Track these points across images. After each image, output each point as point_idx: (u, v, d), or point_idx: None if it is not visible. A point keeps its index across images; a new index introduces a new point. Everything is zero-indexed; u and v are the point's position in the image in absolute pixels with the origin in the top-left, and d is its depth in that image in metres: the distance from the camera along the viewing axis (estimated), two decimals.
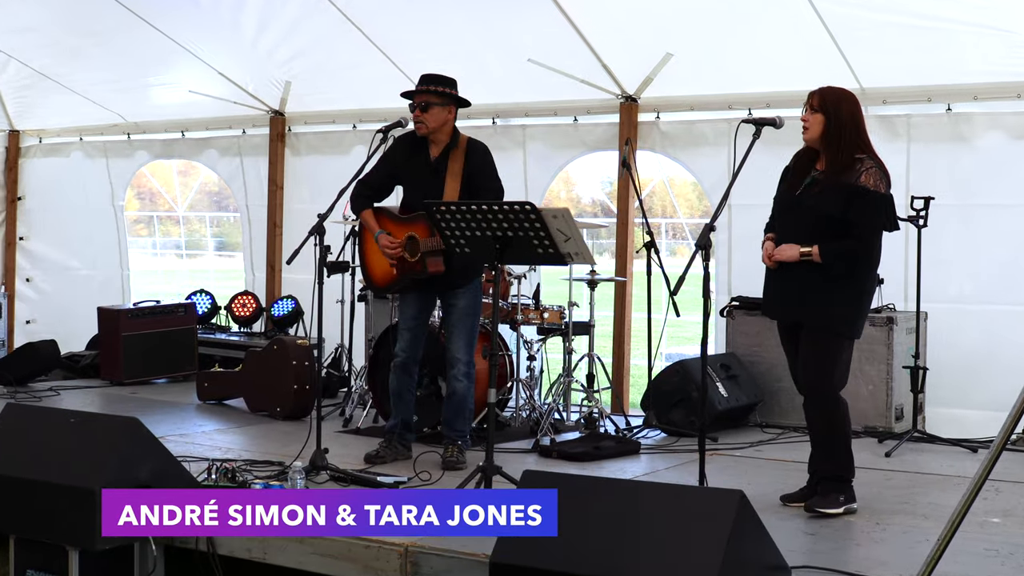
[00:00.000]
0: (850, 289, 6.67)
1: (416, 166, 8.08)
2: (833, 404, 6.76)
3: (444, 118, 7.99)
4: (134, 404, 10.65)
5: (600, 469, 8.09)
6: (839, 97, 6.73)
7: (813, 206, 6.65)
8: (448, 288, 8.09)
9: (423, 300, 8.24)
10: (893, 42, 9.30)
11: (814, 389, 6.77)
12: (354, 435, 9.25)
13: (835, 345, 6.72)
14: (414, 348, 8.27)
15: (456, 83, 8.10)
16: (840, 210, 6.56)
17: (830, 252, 6.58)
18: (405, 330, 8.27)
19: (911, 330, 9.33)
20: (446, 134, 8.02)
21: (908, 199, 8.97)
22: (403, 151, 8.16)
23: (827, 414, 6.78)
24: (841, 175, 6.61)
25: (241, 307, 12.70)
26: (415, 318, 8.24)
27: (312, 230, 7.40)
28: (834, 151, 6.65)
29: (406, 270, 8.02)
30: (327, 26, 11.14)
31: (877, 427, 9.27)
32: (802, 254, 6.62)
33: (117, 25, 11.77)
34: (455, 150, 8.02)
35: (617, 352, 10.96)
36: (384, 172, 8.19)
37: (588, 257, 6.79)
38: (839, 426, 6.81)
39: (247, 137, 13.23)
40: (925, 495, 7.38)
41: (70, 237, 14.60)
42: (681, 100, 10.72)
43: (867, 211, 6.55)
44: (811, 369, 6.75)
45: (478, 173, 7.99)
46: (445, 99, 8.00)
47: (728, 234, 10.42)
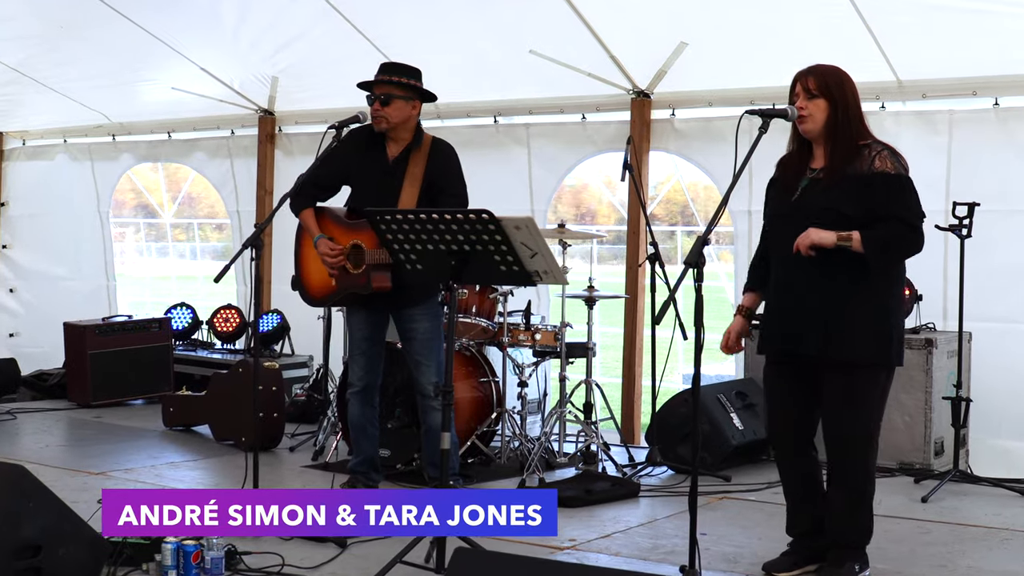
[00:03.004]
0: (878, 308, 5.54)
1: (369, 165, 7.15)
2: (863, 458, 5.65)
3: (407, 113, 7.06)
4: (94, 429, 9.92)
5: (590, 517, 7.12)
6: (841, 77, 5.65)
7: (823, 207, 5.55)
8: (401, 306, 7.12)
9: (374, 318, 7.33)
10: (934, 29, 8.40)
11: (846, 440, 5.63)
12: (321, 470, 8.30)
13: (872, 379, 5.60)
14: (371, 375, 7.38)
15: (421, 74, 7.17)
16: (857, 206, 5.46)
17: (874, 240, 5.43)
18: (359, 355, 7.36)
19: (952, 353, 8.35)
20: (408, 132, 7.08)
21: (949, 205, 8.12)
22: (356, 147, 7.22)
23: (861, 469, 5.64)
24: (848, 166, 5.52)
25: (224, 322, 11.76)
26: (367, 339, 7.34)
27: (247, 242, 6.39)
28: (837, 141, 5.57)
29: (347, 283, 7.09)
30: (310, 16, 10.30)
31: (914, 464, 8.30)
32: (840, 238, 5.45)
33: (92, 18, 10.92)
34: (416, 151, 7.09)
35: (627, 375, 9.96)
36: (333, 169, 7.23)
37: (559, 275, 5.74)
38: (870, 483, 5.70)
39: (236, 138, 12.39)
40: (965, 554, 6.38)
41: (56, 244, 13.78)
42: (698, 95, 9.81)
43: (902, 196, 5.46)
44: (844, 415, 5.60)
45: (439, 176, 7.05)
46: (409, 92, 7.05)
47: (747, 243, 9.46)
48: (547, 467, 8.31)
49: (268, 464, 8.26)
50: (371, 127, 7.15)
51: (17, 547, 5.08)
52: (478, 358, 8.58)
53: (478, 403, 8.42)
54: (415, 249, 5.75)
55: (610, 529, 6.84)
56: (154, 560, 5.56)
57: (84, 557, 5.31)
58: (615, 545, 6.49)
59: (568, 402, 8.64)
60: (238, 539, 6.09)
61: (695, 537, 5.29)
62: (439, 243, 5.65)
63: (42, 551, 5.14)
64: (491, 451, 8.48)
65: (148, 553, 5.61)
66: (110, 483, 7.70)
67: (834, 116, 5.55)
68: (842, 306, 5.53)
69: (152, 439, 9.52)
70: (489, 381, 8.52)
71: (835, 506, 5.71)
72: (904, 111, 8.94)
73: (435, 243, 5.66)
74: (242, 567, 5.72)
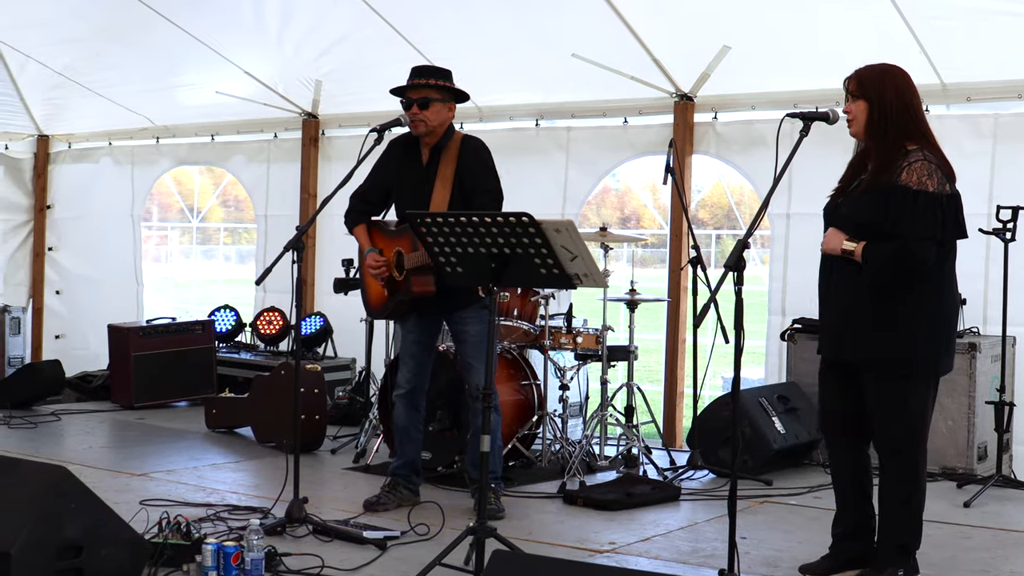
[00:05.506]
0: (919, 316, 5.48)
1: (406, 172, 7.18)
2: (911, 464, 5.58)
3: (445, 115, 7.07)
4: (137, 431, 9.95)
5: (631, 520, 7.09)
6: (880, 75, 5.60)
7: (847, 214, 5.54)
8: (452, 310, 7.10)
9: (425, 324, 7.28)
10: (978, 33, 8.31)
11: (890, 445, 5.59)
12: (363, 472, 8.31)
13: (912, 387, 5.54)
14: (419, 378, 7.31)
15: (452, 74, 7.15)
16: (877, 217, 5.43)
17: (874, 252, 5.42)
18: (408, 358, 7.32)
19: (996, 358, 8.28)
20: (439, 135, 7.05)
21: (993, 208, 8.04)
22: (395, 156, 7.24)
23: (908, 474, 5.58)
24: (883, 174, 5.48)
25: (267, 324, 11.75)
26: (417, 343, 7.29)
27: (289, 244, 6.41)
28: (877, 144, 5.54)
29: (395, 291, 7.05)
30: (352, 19, 10.29)
31: (956, 469, 8.24)
32: (844, 250, 5.48)
33: (136, 22, 10.96)
34: (446, 151, 7.07)
35: (669, 378, 9.91)
36: (377, 182, 7.27)
37: (599, 279, 5.70)
38: (917, 489, 5.62)
39: (277, 142, 12.37)
40: (1008, 559, 6.33)
41: (99, 248, 13.75)
42: (741, 98, 9.74)
43: (906, 214, 5.37)
44: (886, 421, 5.57)
45: (469, 174, 7.04)
46: (445, 94, 7.04)
47: (784, 247, 9.43)
48: (588, 470, 8.30)
49: (309, 466, 8.27)
50: (407, 135, 7.16)
51: (59, 548, 5.10)
52: (520, 361, 8.55)
53: (520, 406, 8.40)
54: (455, 252, 5.73)
55: (650, 532, 6.81)
56: (195, 561, 5.57)
57: (125, 558, 5.33)
58: (655, 548, 6.47)
59: (609, 405, 8.61)
60: (277, 540, 6.14)
61: (734, 541, 5.27)
62: (479, 246, 5.62)
63: (83, 552, 5.15)
64: (532, 454, 8.47)
65: (189, 554, 5.61)
66: (152, 484, 7.73)
67: (871, 117, 5.51)
68: (876, 314, 5.50)
69: (194, 441, 9.54)
70: (531, 384, 8.48)
71: (881, 509, 5.68)
72: (948, 115, 8.83)
73: (475, 246, 5.63)
74: (282, 568, 5.73)
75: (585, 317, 9.12)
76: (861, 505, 5.81)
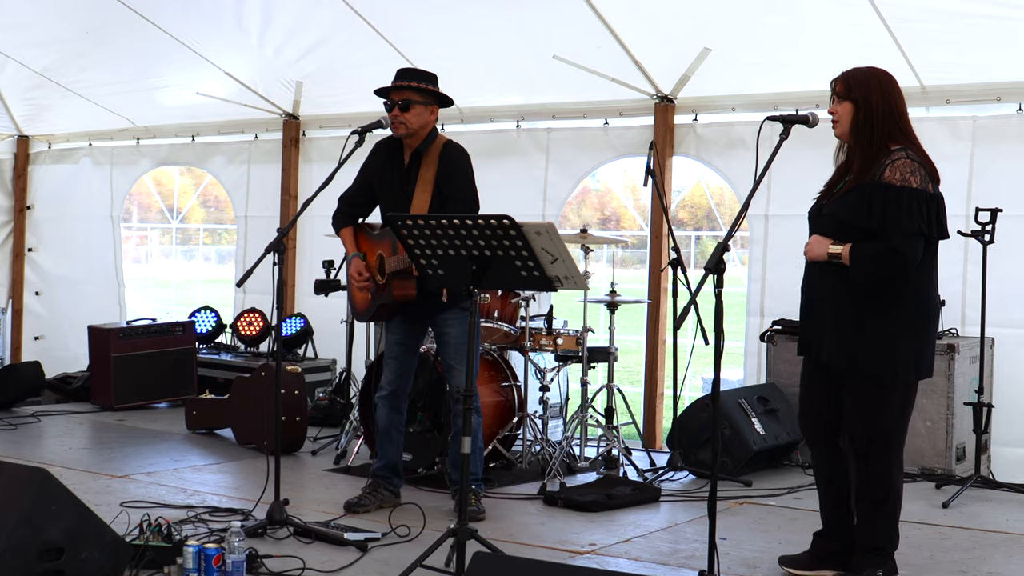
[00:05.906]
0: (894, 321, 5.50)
1: (388, 175, 7.17)
2: (885, 468, 5.61)
3: (426, 119, 7.06)
4: (117, 432, 9.91)
5: (611, 522, 7.11)
6: (867, 78, 5.63)
7: (829, 213, 5.57)
8: (434, 313, 7.10)
9: (409, 326, 7.28)
10: (958, 35, 8.35)
11: (863, 447, 5.61)
12: (344, 474, 8.31)
13: (888, 392, 5.57)
14: (402, 380, 7.32)
15: (437, 79, 7.15)
16: (859, 215, 5.46)
17: (861, 253, 5.44)
18: (391, 359, 7.32)
19: (975, 359, 8.33)
20: (421, 137, 7.05)
21: (972, 210, 8.13)
22: (379, 159, 7.25)
23: (881, 476, 5.61)
24: (867, 174, 5.51)
25: (247, 325, 11.72)
26: (400, 345, 7.29)
27: (270, 247, 6.41)
28: (860, 145, 5.56)
29: (377, 295, 7.07)
30: (333, 20, 10.27)
31: (935, 469, 8.30)
32: (830, 254, 5.51)
33: (116, 23, 10.90)
34: (427, 154, 7.06)
35: (649, 380, 9.93)
36: (361, 185, 7.28)
37: (580, 281, 5.72)
38: (891, 492, 5.64)
39: (258, 143, 12.35)
40: (985, 560, 6.37)
41: (80, 249, 13.70)
42: (721, 100, 9.78)
43: (890, 211, 5.40)
44: (856, 423, 5.61)
45: (446, 180, 7.04)
46: (427, 97, 7.04)
47: (763, 248, 9.47)
48: (568, 471, 8.31)
49: (290, 468, 8.29)
50: (391, 137, 7.17)
51: (40, 549, 5.10)
52: (500, 363, 8.56)
53: (500, 407, 8.40)
54: (436, 254, 5.74)
55: (630, 534, 6.83)
56: (175, 563, 5.56)
57: (106, 560, 5.32)
58: (635, 550, 6.48)
59: (590, 406, 8.63)
60: (259, 541, 6.14)
61: (714, 542, 5.29)
62: (460, 248, 5.63)
63: (64, 553, 5.16)
64: (513, 455, 8.48)
65: (170, 556, 5.60)
66: (133, 486, 7.73)
67: (858, 119, 5.54)
68: (857, 317, 5.52)
69: (175, 442, 9.51)
70: (511, 385, 8.49)
71: (858, 509, 5.71)
72: (927, 117, 8.86)
73: (456, 248, 5.65)
74: (263, 570, 5.73)
75: (565, 319, 9.14)
76: (838, 505, 5.85)
